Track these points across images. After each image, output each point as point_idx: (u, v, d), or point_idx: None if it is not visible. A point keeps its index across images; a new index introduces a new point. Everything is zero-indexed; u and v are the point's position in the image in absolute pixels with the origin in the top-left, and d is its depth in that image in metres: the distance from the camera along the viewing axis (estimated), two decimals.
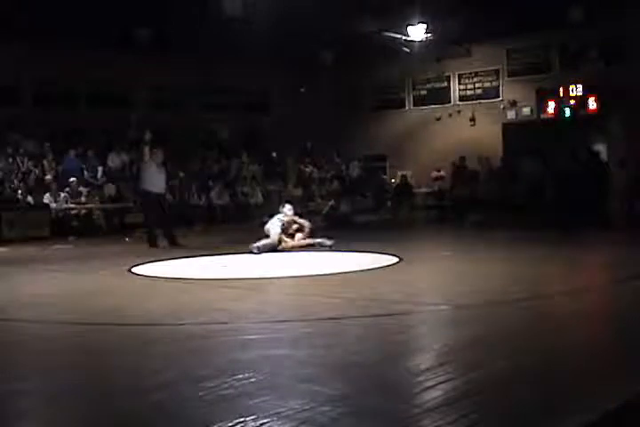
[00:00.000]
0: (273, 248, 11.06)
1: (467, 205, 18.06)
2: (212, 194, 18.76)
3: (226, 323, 5.50)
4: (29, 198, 15.23)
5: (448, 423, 3.09)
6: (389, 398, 3.54)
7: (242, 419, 3.18)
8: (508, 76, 21.30)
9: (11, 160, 16.71)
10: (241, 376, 3.85)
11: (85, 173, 17.32)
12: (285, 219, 11.48)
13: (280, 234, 11.29)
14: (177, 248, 12.00)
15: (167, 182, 13.35)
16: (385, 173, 23.40)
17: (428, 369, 3.97)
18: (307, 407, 3.31)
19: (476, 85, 21.93)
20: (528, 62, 20.95)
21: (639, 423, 3.43)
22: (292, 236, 11.53)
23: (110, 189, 17.18)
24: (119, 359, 4.50)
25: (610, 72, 18.60)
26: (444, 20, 18.19)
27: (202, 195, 18.73)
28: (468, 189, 18.76)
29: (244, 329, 5.24)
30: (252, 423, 3.14)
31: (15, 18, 15.21)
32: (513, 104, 21.02)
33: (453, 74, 22.23)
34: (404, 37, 20.06)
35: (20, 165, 16.76)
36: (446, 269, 8.80)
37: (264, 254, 10.70)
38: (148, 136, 12.72)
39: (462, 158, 19.53)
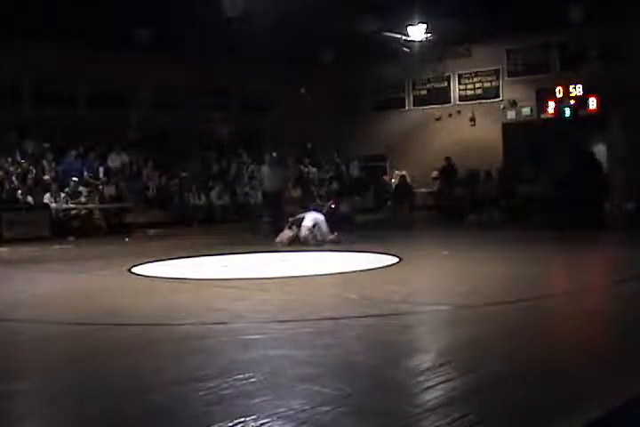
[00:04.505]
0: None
1: (466, 204, 18.07)
2: (212, 194, 18.76)
3: (226, 323, 5.50)
4: (29, 198, 15.21)
5: (448, 423, 3.09)
6: (389, 398, 3.54)
7: (242, 419, 3.18)
8: (508, 76, 21.30)
9: (10, 160, 16.70)
10: (241, 376, 3.85)
11: (85, 173, 17.31)
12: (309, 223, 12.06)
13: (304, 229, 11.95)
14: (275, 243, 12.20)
15: (285, 180, 14.06)
16: (385, 173, 23.41)
17: (427, 369, 3.97)
18: (307, 407, 3.31)
19: (476, 85, 21.93)
20: (528, 62, 20.95)
21: (639, 423, 3.43)
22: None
23: (110, 190, 17.17)
24: (119, 359, 4.50)
25: (610, 72, 18.59)
26: (443, 20, 18.18)
27: (202, 195, 18.74)
28: (465, 189, 18.76)
29: (243, 329, 5.24)
30: (252, 423, 3.14)
31: (15, 18, 15.19)
32: (513, 104, 21.01)
33: (453, 74, 22.22)
34: (403, 37, 20.05)
35: (21, 165, 16.75)
36: (446, 269, 8.80)
37: (265, 255, 10.74)
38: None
39: (448, 159, 19.58)
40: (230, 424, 3.14)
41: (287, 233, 12.14)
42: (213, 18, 15.84)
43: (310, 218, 12.10)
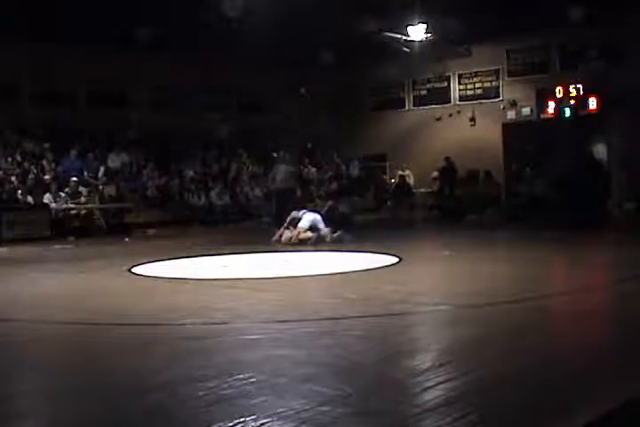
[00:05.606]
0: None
1: (466, 205, 18.08)
2: (212, 194, 18.76)
3: (226, 323, 5.49)
4: (29, 198, 15.22)
5: (448, 423, 3.09)
6: (389, 398, 3.54)
7: (242, 419, 3.18)
8: (508, 76, 21.31)
9: (10, 160, 16.71)
10: (241, 376, 3.85)
11: (85, 173, 17.32)
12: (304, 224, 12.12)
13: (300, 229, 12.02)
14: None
15: (296, 178, 14.22)
16: (385, 173, 23.41)
17: (427, 369, 3.97)
18: (307, 407, 3.31)
19: (476, 85, 21.94)
20: (528, 62, 20.97)
21: (639, 423, 3.43)
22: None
23: (110, 190, 17.17)
24: (119, 359, 4.49)
25: (610, 72, 18.60)
26: (443, 20, 18.19)
27: (202, 195, 18.74)
28: (465, 189, 18.78)
29: (244, 329, 5.24)
30: (252, 423, 3.14)
31: (15, 18, 15.19)
32: (513, 104, 21.03)
33: (453, 74, 22.24)
34: (403, 37, 20.05)
35: (21, 165, 16.76)
36: (446, 269, 8.79)
37: (265, 255, 10.74)
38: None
39: (448, 159, 19.55)
40: (230, 424, 3.13)
41: (285, 233, 12.15)
42: (213, 18, 15.84)
43: (308, 218, 12.10)
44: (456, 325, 5.36)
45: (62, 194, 15.69)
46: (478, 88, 21.90)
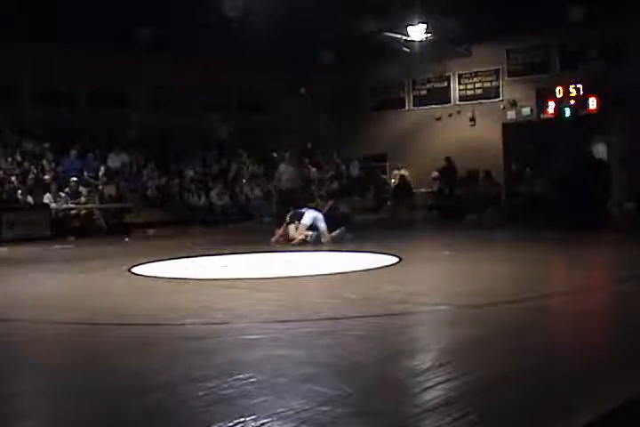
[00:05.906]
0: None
1: (466, 205, 18.09)
2: (212, 194, 18.76)
3: (226, 323, 5.49)
4: (29, 198, 15.22)
5: (448, 423, 3.08)
6: (389, 398, 3.54)
7: (242, 419, 3.18)
8: (508, 76, 21.32)
9: (10, 160, 16.71)
10: (241, 376, 3.84)
11: (85, 173, 17.32)
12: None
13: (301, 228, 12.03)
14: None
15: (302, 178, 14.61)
16: (385, 173, 23.42)
17: (427, 369, 3.97)
18: (307, 407, 3.30)
19: (476, 85, 21.94)
20: (528, 62, 20.97)
21: (639, 423, 3.43)
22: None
23: (110, 189, 17.17)
24: (119, 359, 4.49)
25: (610, 72, 18.61)
26: (443, 20, 18.19)
27: (202, 195, 18.74)
28: (465, 189, 18.78)
29: (244, 329, 5.24)
30: (252, 423, 3.14)
31: (15, 18, 15.19)
32: (513, 104, 21.03)
33: (453, 74, 22.24)
34: (403, 37, 20.06)
35: (21, 165, 16.76)
36: (446, 269, 8.80)
37: (265, 254, 10.75)
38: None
39: (448, 159, 19.51)
40: (230, 424, 3.13)
41: (290, 230, 12.10)
42: (213, 18, 15.84)
43: (309, 216, 12.07)
44: (456, 325, 5.36)
45: (62, 194, 15.69)
46: (478, 88, 21.90)
